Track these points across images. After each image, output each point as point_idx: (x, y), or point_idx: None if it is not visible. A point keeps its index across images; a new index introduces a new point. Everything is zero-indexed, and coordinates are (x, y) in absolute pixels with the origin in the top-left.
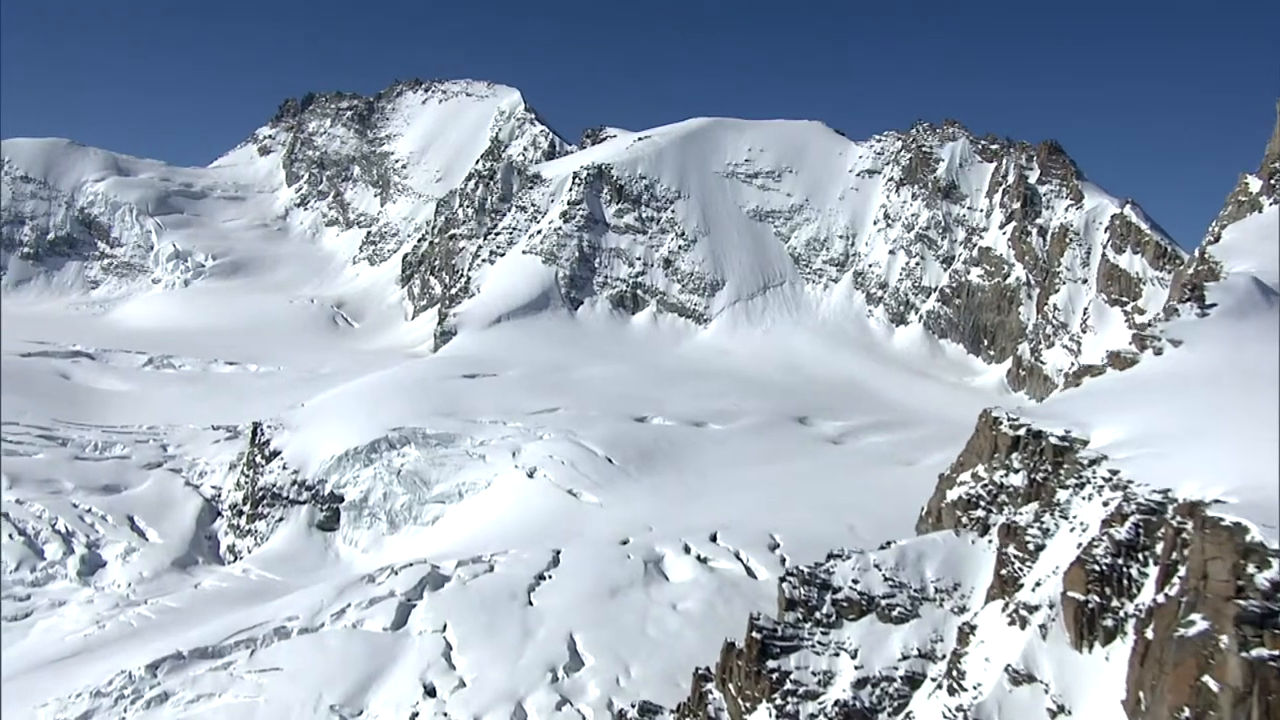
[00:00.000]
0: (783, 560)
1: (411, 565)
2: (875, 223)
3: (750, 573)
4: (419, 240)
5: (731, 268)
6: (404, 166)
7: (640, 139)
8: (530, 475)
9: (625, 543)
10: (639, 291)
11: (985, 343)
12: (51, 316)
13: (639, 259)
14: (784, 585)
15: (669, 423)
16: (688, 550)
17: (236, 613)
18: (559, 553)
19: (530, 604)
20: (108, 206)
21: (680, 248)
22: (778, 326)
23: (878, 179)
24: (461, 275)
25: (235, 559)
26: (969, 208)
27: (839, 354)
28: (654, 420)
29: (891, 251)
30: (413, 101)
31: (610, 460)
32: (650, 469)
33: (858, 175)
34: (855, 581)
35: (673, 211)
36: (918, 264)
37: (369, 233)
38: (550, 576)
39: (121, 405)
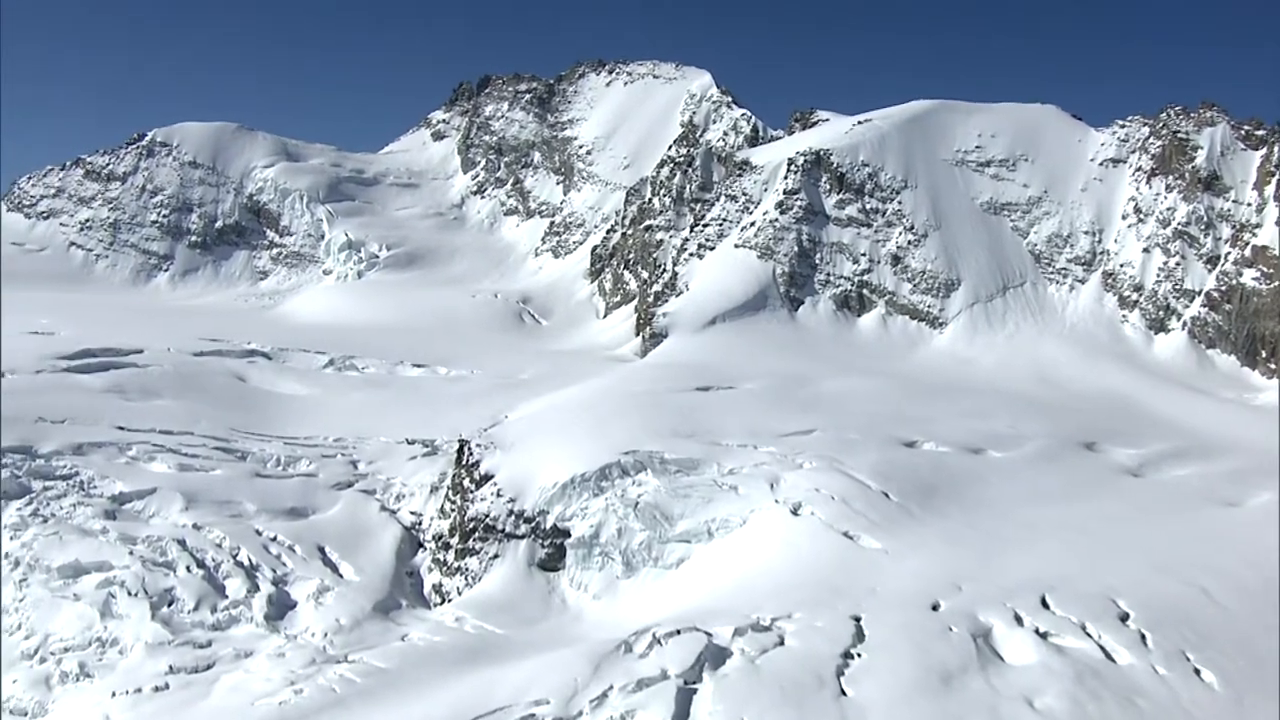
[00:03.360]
0: (1142, 636)
1: (679, 633)
2: (1124, 217)
3: (1107, 655)
4: (608, 231)
5: (967, 265)
6: (588, 153)
7: (859, 123)
8: (794, 512)
9: (937, 608)
10: (865, 291)
11: (1264, 354)
12: (220, 309)
13: (864, 255)
14: None
15: (943, 449)
16: (1019, 620)
17: (460, 680)
18: (860, 620)
19: (844, 693)
20: (277, 193)
21: (910, 243)
22: (1021, 332)
23: (1123, 169)
24: (664, 270)
25: (443, 601)
26: (1234, 201)
27: (1095, 365)
28: (925, 445)
29: (1146, 250)
30: (596, 84)
31: (886, 495)
32: (934, 507)
33: (1100, 165)
34: None
35: (899, 202)
36: (1178, 264)
37: (552, 223)
38: (859, 654)
39: (303, 412)
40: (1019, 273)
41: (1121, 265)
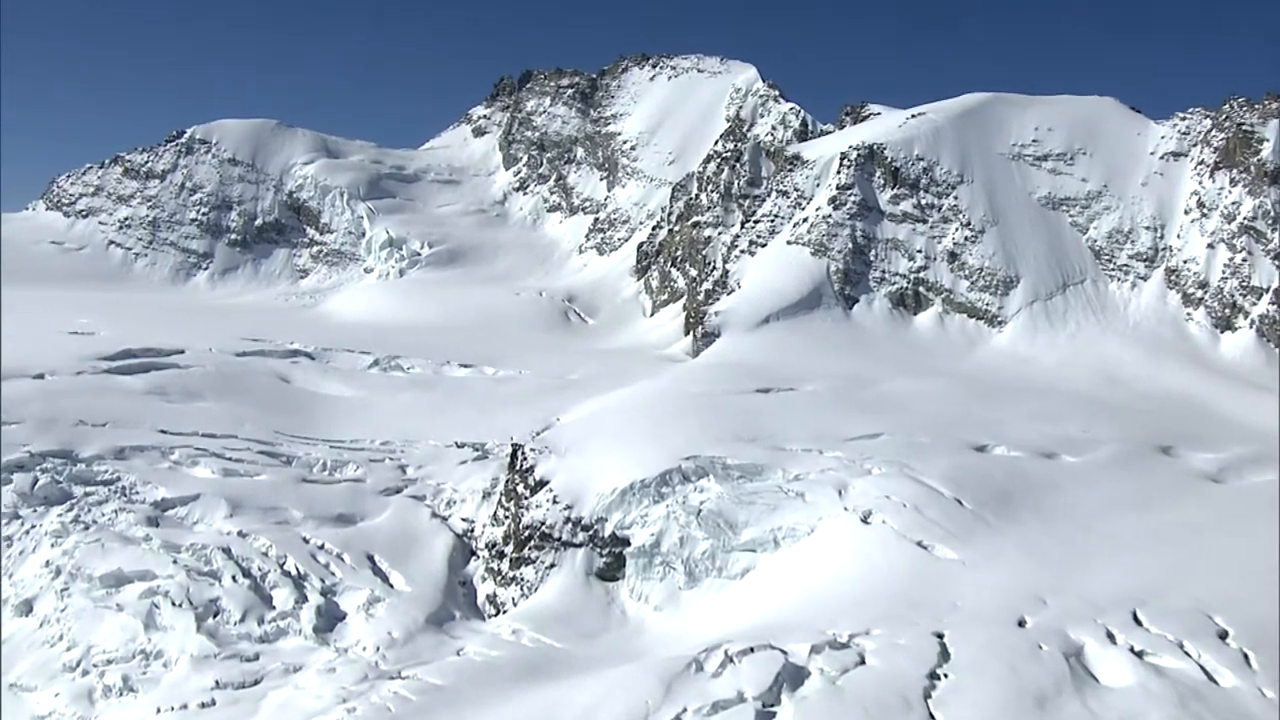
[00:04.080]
0: (1244, 656)
1: (753, 651)
2: (1187, 212)
3: (1209, 676)
4: (654, 228)
5: (1025, 262)
6: (632, 148)
7: (913, 116)
8: (865, 520)
9: (1023, 624)
10: (921, 289)
11: None
12: (260, 308)
13: (919, 251)
14: None
15: (1015, 453)
16: (1111, 638)
17: (521, 698)
18: (943, 637)
19: (932, 717)
20: (317, 190)
21: (966, 239)
22: (1083, 331)
23: (1185, 162)
24: (713, 267)
25: (497, 612)
26: None
27: (1161, 365)
28: (996, 450)
29: (1210, 246)
30: (639, 78)
31: (960, 502)
32: (1009, 515)
33: (1161, 158)
34: None
35: (955, 198)
36: (1244, 260)
37: (596, 219)
38: (946, 675)
39: (348, 414)
40: (1079, 270)
41: (1185, 262)
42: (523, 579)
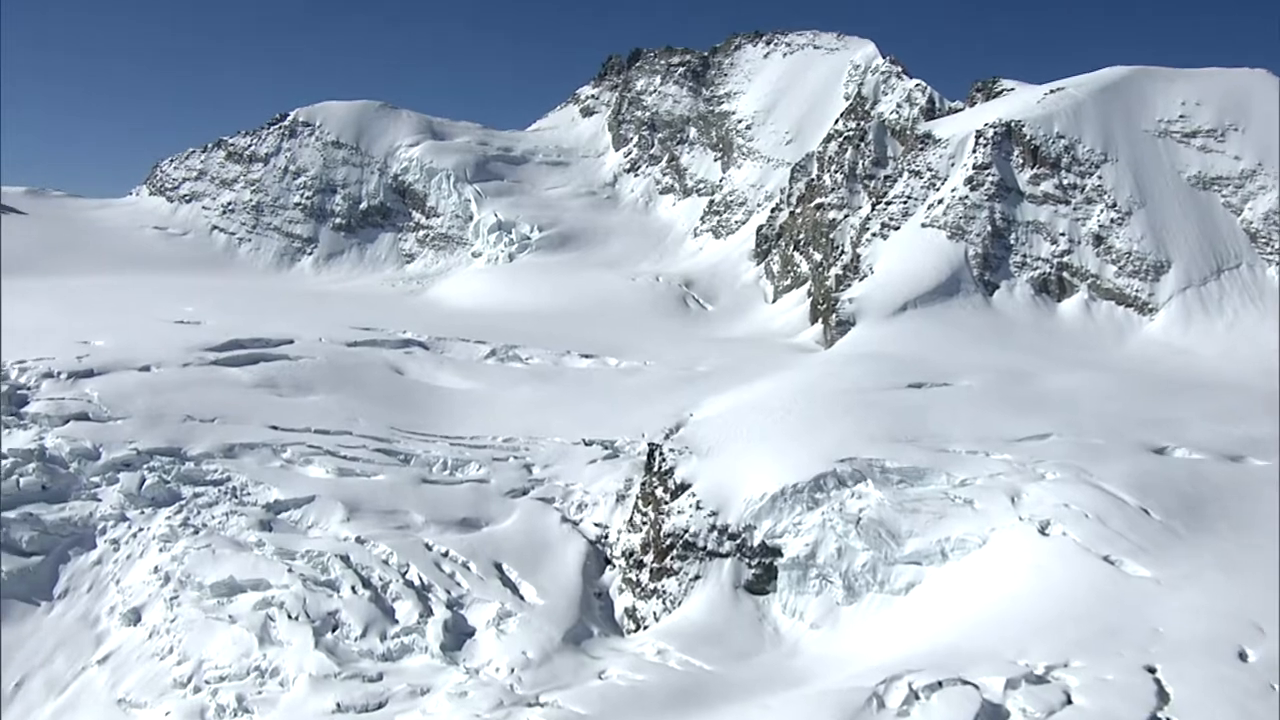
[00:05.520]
0: None
1: (940, 686)
2: None
3: None
4: (773, 210)
5: (1176, 246)
6: (747, 128)
7: (1051, 92)
8: (1043, 531)
9: (1244, 657)
10: (1065, 274)
11: None
12: (367, 294)
13: (1063, 234)
14: None
15: (1197, 456)
16: None
17: None
18: (1155, 671)
19: None
20: (423, 173)
21: (1112, 221)
22: (1241, 320)
23: None
24: (841, 251)
25: (637, 628)
26: None
27: None
28: (1176, 452)
29: None
30: (753, 56)
31: (1146, 511)
32: (1202, 526)
33: None
34: None
35: (1099, 178)
36: None
37: (711, 202)
38: (1169, 719)
39: (466, 408)
40: (1234, 253)
41: None
42: (665, 591)
